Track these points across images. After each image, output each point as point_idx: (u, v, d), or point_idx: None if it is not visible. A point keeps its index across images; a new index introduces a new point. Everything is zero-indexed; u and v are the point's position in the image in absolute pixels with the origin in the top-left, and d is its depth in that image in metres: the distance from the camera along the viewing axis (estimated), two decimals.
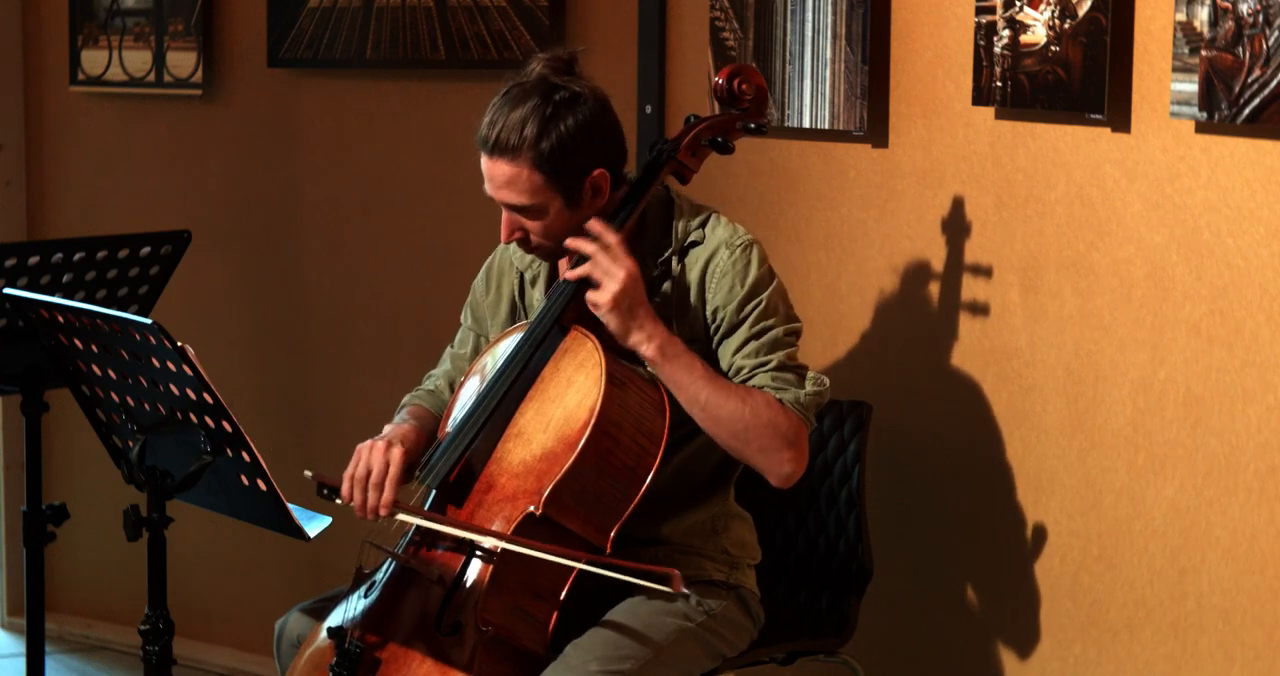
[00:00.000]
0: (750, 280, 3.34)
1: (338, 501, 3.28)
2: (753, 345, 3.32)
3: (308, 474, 3.27)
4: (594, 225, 3.29)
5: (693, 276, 3.37)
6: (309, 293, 5.05)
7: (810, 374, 3.33)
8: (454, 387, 3.52)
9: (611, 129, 3.35)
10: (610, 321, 3.26)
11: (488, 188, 3.33)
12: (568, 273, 3.32)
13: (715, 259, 3.35)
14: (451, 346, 3.62)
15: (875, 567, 3.76)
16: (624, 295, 3.24)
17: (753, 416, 3.26)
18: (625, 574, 3.16)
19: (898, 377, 3.99)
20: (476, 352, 3.55)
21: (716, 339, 3.36)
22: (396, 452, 3.29)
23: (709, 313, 3.35)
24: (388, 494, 3.26)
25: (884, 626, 3.96)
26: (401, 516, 3.26)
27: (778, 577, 3.79)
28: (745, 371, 3.31)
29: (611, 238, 3.27)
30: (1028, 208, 3.76)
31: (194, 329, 4.48)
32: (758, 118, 3.47)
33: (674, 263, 3.38)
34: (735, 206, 4.08)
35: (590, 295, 3.27)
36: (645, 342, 3.26)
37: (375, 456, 3.28)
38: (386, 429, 3.40)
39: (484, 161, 3.32)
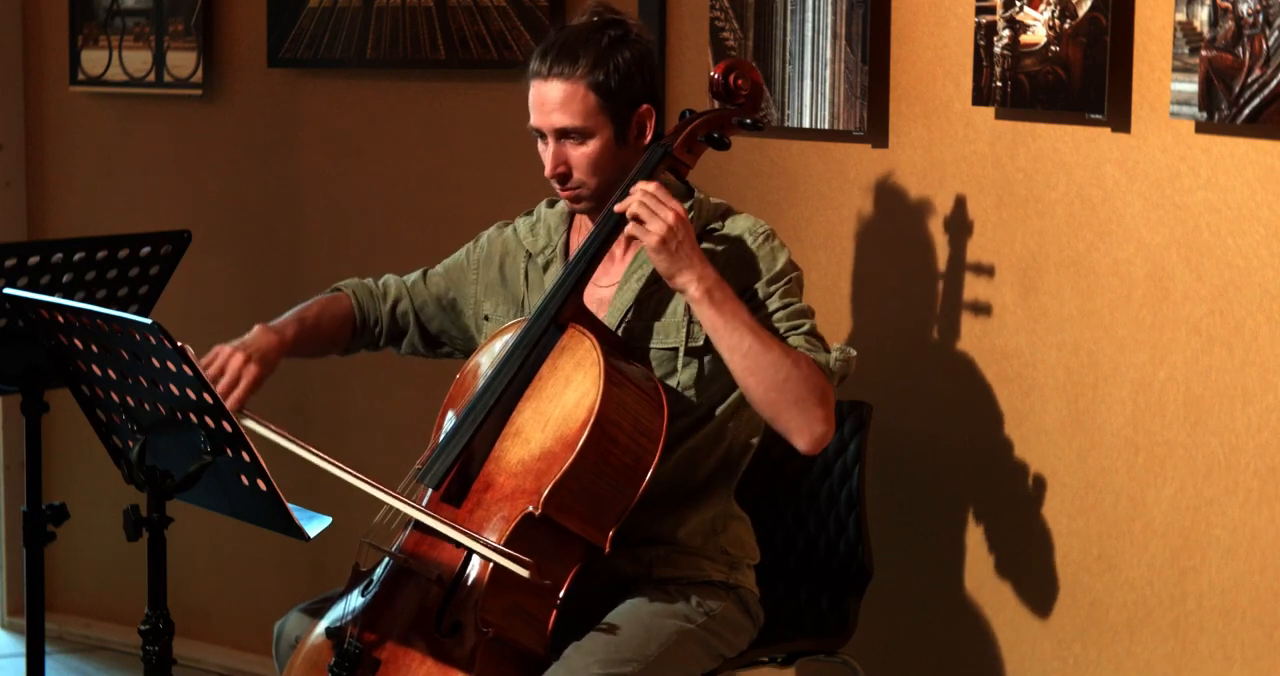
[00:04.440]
0: (778, 264, 3.35)
1: None
2: (782, 313, 3.32)
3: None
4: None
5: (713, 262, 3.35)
6: (309, 293, 5.01)
7: (836, 344, 3.33)
8: (388, 297, 3.65)
9: (656, 70, 3.42)
10: (657, 260, 3.23)
11: (534, 118, 3.34)
12: (615, 206, 3.30)
13: (739, 245, 3.36)
14: (412, 276, 3.68)
15: (875, 567, 3.75)
16: (672, 233, 3.22)
17: (794, 367, 3.22)
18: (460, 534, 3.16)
19: (898, 378, 3.99)
20: (431, 304, 3.62)
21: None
22: (251, 372, 3.39)
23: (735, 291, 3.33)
24: (232, 402, 3.34)
25: (884, 626, 3.96)
26: (249, 423, 3.24)
27: (778, 577, 3.78)
28: (780, 333, 3.30)
29: (652, 186, 3.26)
30: (1028, 208, 3.76)
31: (194, 329, 4.46)
32: (753, 113, 3.45)
33: None
34: (735, 206, 4.07)
35: (633, 230, 3.24)
36: (694, 283, 3.22)
37: (231, 365, 3.39)
38: (277, 321, 3.54)
39: (535, 89, 3.34)
